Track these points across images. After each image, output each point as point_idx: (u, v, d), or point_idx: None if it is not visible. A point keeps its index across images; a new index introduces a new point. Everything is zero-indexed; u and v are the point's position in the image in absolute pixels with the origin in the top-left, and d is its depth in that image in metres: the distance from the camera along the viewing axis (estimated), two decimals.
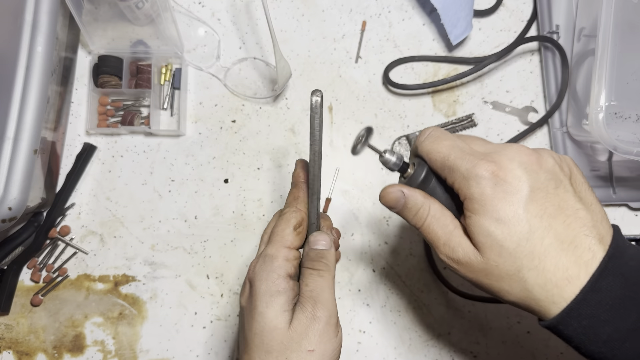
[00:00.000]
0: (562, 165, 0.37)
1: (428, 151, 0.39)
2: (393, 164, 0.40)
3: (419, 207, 0.39)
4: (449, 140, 0.38)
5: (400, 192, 0.39)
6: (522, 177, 0.35)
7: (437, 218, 0.38)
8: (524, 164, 0.35)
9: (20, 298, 0.62)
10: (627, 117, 0.59)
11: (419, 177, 0.39)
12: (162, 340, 0.62)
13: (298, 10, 0.69)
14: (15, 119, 0.53)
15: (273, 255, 0.40)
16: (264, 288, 0.39)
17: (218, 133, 0.66)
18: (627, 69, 0.58)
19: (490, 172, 0.35)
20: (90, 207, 0.64)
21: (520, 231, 0.34)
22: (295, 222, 0.42)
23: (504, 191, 0.35)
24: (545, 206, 0.35)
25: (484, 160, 0.35)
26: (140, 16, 0.62)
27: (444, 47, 0.69)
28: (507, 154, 0.36)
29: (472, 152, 0.37)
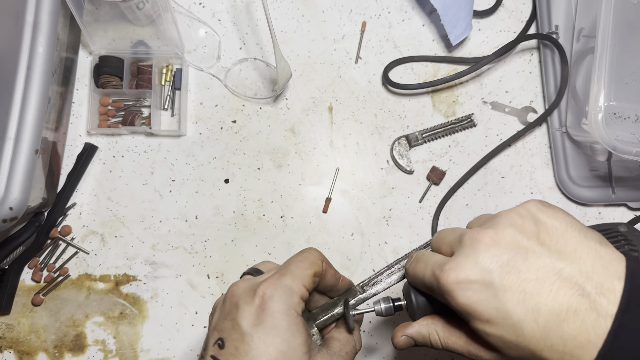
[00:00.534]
0: (525, 226, 0.34)
1: (410, 277, 0.40)
2: (386, 310, 0.42)
3: (427, 337, 0.39)
4: (422, 259, 0.38)
5: (405, 338, 0.40)
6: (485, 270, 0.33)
7: (448, 337, 0.38)
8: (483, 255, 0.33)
9: (21, 298, 0.63)
10: (626, 117, 0.59)
11: (413, 306, 0.40)
12: (162, 339, 0.63)
13: (298, 11, 0.69)
14: (16, 119, 0.53)
15: (294, 290, 0.38)
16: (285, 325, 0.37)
17: (218, 133, 0.66)
18: (626, 69, 0.58)
19: (453, 281, 0.34)
20: (91, 207, 0.65)
21: (511, 324, 0.32)
22: (318, 270, 0.40)
23: (475, 293, 0.33)
24: (522, 287, 0.32)
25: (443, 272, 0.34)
26: (141, 17, 0.62)
27: (443, 47, 0.69)
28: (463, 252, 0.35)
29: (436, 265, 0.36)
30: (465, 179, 0.66)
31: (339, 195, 0.66)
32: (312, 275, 0.40)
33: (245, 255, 0.64)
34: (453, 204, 0.66)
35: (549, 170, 0.67)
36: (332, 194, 0.66)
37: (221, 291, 0.63)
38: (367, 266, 0.64)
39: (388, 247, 0.65)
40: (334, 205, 0.65)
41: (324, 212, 0.65)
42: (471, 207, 0.66)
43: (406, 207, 0.66)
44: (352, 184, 0.66)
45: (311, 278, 0.39)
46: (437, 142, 0.67)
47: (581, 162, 0.65)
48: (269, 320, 0.36)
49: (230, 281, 0.64)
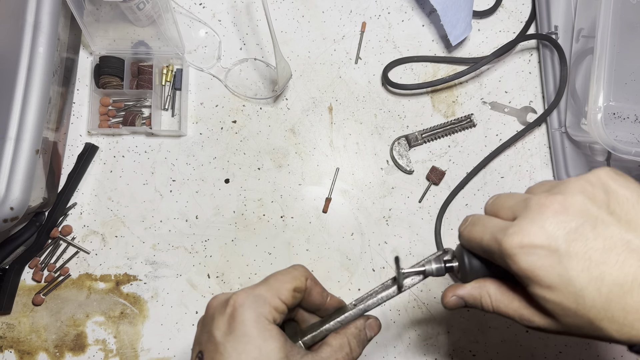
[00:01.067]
0: (595, 194, 0.33)
1: (466, 240, 0.39)
2: (437, 271, 0.41)
3: (479, 299, 0.39)
4: (480, 223, 0.37)
5: (455, 298, 0.40)
6: (551, 235, 0.32)
7: (501, 300, 0.38)
8: (550, 221, 0.33)
9: (22, 297, 0.63)
10: (626, 118, 0.59)
11: (465, 268, 0.39)
12: (163, 339, 0.63)
13: (298, 12, 0.69)
14: (17, 119, 0.53)
15: (267, 299, 0.38)
16: (255, 332, 0.36)
17: (219, 133, 0.67)
18: (625, 69, 0.58)
19: (516, 245, 0.33)
20: (91, 207, 0.65)
21: (573, 292, 0.32)
22: (298, 286, 0.39)
23: (539, 258, 0.33)
24: (588, 255, 0.32)
25: (506, 235, 0.34)
26: (141, 17, 0.63)
27: (443, 48, 0.69)
28: (528, 217, 0.34)
29: (498, 228, 0.35)
30: (466, 180, 0.66)
31: (339, 195, 0.66)
32: (291, 290, 0.39)
33: (245, 255, 0.64)
34: (453, 204, 0.66)
35: (548, 170, 0.67)
36: (332, 194, 0.66)
37: (221, 291, 0.64)
38: (367, 266, 0.64)
39: (388, 246, 0.65)
40: (334, 205, 0.66)
41: (324, 212, 0.65)
42: (471, 206, 0.66)
43: (406, 207, 0.66)
44: (352, 184, 0.66)
45: (290, 292, 0.39)
46: (437, 142, 0.67)
47: (580, 162, 0.65)
48: (240, 329, 0.36)
49: (230, 281, 0.64)
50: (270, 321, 0.37)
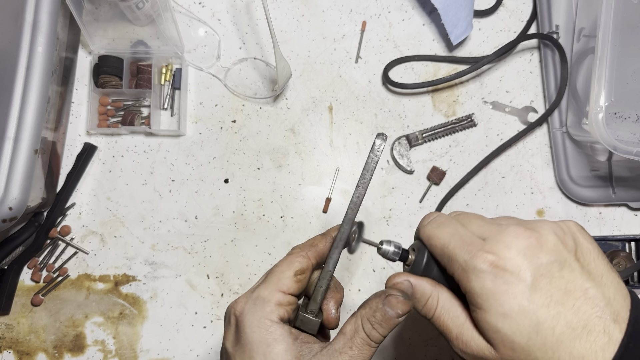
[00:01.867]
0: (566, 240, 0.35)
1: (429, 236, 0.37)
2: (392, 254, 0.38)
3: (427, 296, 0.37)
4: (450, 227, 0.36)
5: (408, 282, 0.37)
6: (522, 265, 0.33)
7: (447, 309, 0.36)
8: (523, 250, 0.33)
9: (20, 298, 0.62)
10: (627, 117, 0.59)
11: (422, 263, 0.38)
12: (162, 339, 0.62)
13: (298, 11, 0.69)
14: (15, 119, 0.53)
15: (265, 298, 0.37)
16: (257, 337, 0.35)
17: (218, 133, 0.66)
18: (626, 69, 0.58)
19: (488, 263, 0.33)
20: (90, 207, 0.65)
21: (529, 324, 0.32)
22: (299, 268, 0.39)
23: (506, 283, 0.33)
24: (550, 293, 0.32)
25: (482, 250, 0.33)
26: (140, 16, 0.62)
27: (443, 47, 0.69)
28: (504, 241, 0.34)
29: (471, 241, 0.35)
30: (467, 179, 0.66)
31: (339, 195, 0.66)
32: (291, 276, 0.38)
33: (245, 255, 0.64)
34: (453, 204, 0.66)
35: (549, 170, 0.67)
36: (332, 194, 0.65)
37: (221, 291, 0.63)
38: (367, 266, 0.64)
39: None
40: (334, 205, 0.65)
41: (324, 212, 0.65)
42: (471, 207, 0.66)
43: (406, 207, 0.66)
44: (352, 184, 0.66)
45: (291, 279, 0.38)
46: (438, 142, 0.67)
47: (582, 162, 0.65)
48: (243, 337, 0.36)
49: (229, 281, 0.64)
50: (275, 321, 0.36)
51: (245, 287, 0.64)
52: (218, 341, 0.62)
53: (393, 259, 0.39)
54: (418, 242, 0.39)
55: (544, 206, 0.66)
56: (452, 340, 0.36)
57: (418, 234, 0.39)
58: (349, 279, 0.64)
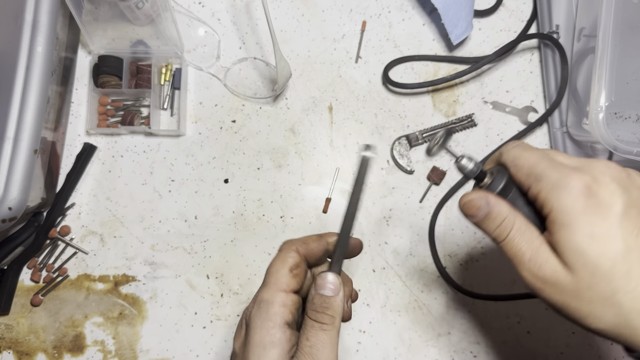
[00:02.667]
0: None
1: (515, 156, 0.36)
2: (470, 171, 0.37)
3: (503, 217, 0.36)
4: (538, 151, 0.36)
5: (484, 201, 0.36)
6: (616, 192, 0.33)
7: (523, 231, 0.35)
8: (617, 180, 0.33)
9: (20, 298, 0.62)
10: (627, 117, 0.59)
11: (498, 186, 0.36)
12: (162, 340, 0.62)
13: (298, 11, 0.69)
14: (15, 119, 0.53)
15: (268, 300, 0.37)
16: (257, 338, 0.36)
17: (218, 133, 0.66)
18: (627, 69, 0.58)
19: (583, 183, 0.33)
20: (90, 207, 0.64)
21: (616, 249, 0.31)
22: (293, 263, 0.39)
23: (598, 205, 0.32)
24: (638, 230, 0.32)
25: (577, 171, 0.33)
26: (140, 16, 0.62)
27: (444, 47, 0.69)
28: (598, 168, 0.34)
29: (562, 163, 0.34)
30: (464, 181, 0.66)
31: (339, 195, 0.66)
32: (287, 274, 0.38)
33: (244, 255, 0.64)
34: (454, 204, 0.66)
35: None
36: (332, 194, 0.65)
37: (220, 291, 0.63)
38: (367, 266, 0.64)
39: (388, 247, 0.65)
40: (334, 205, 0.65)
41: (324, 212, 0.65)
42: None
43: (406, 207, 0.66)
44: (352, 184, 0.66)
45: (287, 277, 0.38)
46: None
47: None
48: (247, 339, 0.37)
49: (229, 282, 0.64)
50: (278, 323, 0.36)
51: (245, 287, 0.63)
52: (218, 341, 0.62)
53: (469, 176, 0.37)
54: (498, 166, 0.38)
55: None
56: (524, 262, 0.34)
57: (499, 158, 0.38)
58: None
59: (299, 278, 0.39)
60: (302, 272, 0.40)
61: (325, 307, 0.37)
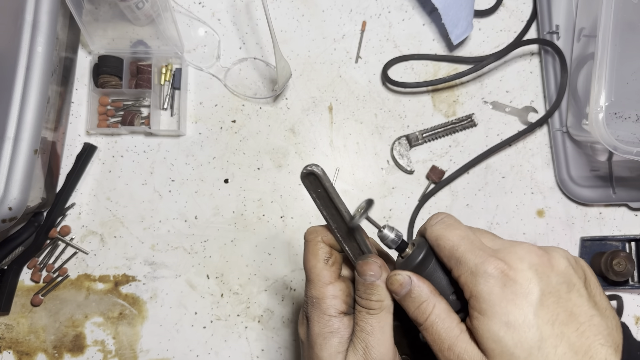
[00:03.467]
0: (576, 268, 0.35)
1: (438, 236, 0.36)
2: (391, 241, 0.38)
3: (423, 300, 0.36)
4: (461, 230, 0.36)
5: (408, 278, 0.36)
6: (532, 279, 0.33)
7: (443, 319, 0.35)
8: (535, 265, 0.33)
9: (20, 298, 0.62)
10: (627, 117, 0.59)
11: (417, 258, 0.37)
12: (162, 340, 0.62)
13: (298, 11, 0.69)
14: (15, 119, 0.53)
15: (318, 297, 0.39)
16: (317, 330, 0.38)
17: (218, 133, 0.66)
18: (627, 69, 0.58)
19: (499, 270, 0.33)
20: (90, 207, 0.64)
21: (532, 338, 0.32)
22: (324, 256, 0.40)
23: (514, 293, 0.32)
24: (557, 312, 0.32)
25: (494, 257, 0.33)
26: (140, 16, 0.62)
27: (443, 47, 0.69)
28: (517, 253, 0.34)
29: (482, 247, 0.35)
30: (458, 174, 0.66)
31: None
32: (324, 266, 0.39)
33: (245, 255, 0.64)
34: (453, 204, 0.66)
35: (549, 170, 0.67)
36: None
37: (221, 291, 0.63)
38: None
39: None
40: None
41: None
42: (471, 207, 0.66)
43: (406, 207, 0.66)
44: (352, 184, 0.66)
45: (325, 269, 0.39)
46: (438, 142, 0.67)
47: (582, 162, 0.65)
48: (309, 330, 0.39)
49: (229, 282, 0.64)
50: (333, 315, 0.38)
51: (245, 287, 0.63)
52: (218, 341, 0.62)
53: (390, 246, 0.38)
54: (420, 239, 0.39)
55: (544, 206, 0.66)
56: (442, 350, 0.35)
57: (423, 232, 0.38)
58: None
59: (336, 265, 0.40)
60: (337, 260, 0.41)
61: (369, 294, 0.37)
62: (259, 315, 0.63)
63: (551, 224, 0.66)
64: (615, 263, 0.61)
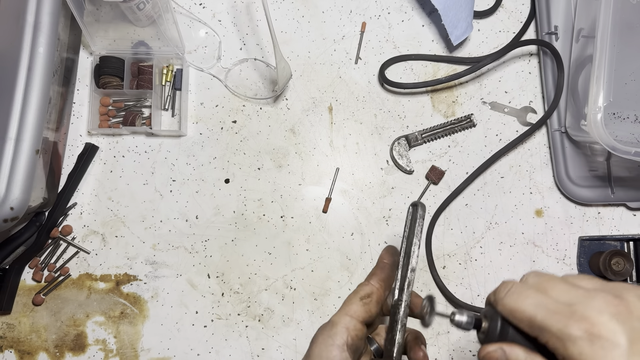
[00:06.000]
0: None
1: (512, 310, 0.37)
2: (466, 324, 0.38)
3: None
4: (532, 298, 0.36)
5: (501, 351, 0.36)
6: (617, 330, 0.33)
7: None
8: (615, 315, 0.33)
9: (22, 297, 0.63)
10: (626, 118, 0.59)
11: (496, 330, 0.37)
12: (163, 339, 0.63)
13: (298, 12, 0.69)
14: (17, 119, 0.53)
15: (334, 321, 0.41)
16: (317, 351, 0.40)
17: (219, 133, 0.67)
18: (625, 69, 0.58)
19: (583, 330, 0.33)
20: (91, 206, 0.65)
21: None
22: (363, 293, 0.43)
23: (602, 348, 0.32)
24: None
25: (574, 319, 0.33)
26: (141, 17, 0.63)
27: (443, 48, 0.69)
28: (595, 307, 0.34)
29: (558, 310, 0.34)
30: (469, 181, 0.66)
31: (338, 195, 0.66)
32: (357, 301, 0.42)
33: (245, 255, 0.64)
34: (453, 204, 0.66)
35: (548, 170, 0.67)
36: (332, 194, 0.66)
37: (221, 291, 0.64)
38: (367, 266, 0.64)
39: None
40: (334, 205, 0.66)
41: (324, 212, 0.65)
42: (470, 206, 0.66)
43: (406, 207, 0.66)
44: (352, 184, 0.66)
45: (357, 303, 0.42)
46: (437, 142, 0.67)
47: (580, 162, 0.65)
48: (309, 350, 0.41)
49: (230, 281, 0.64)
50: (338, 344, 0.40)
51: (245, 286, 0.64)
52: (219, 340, 0.63)
53: (467, 329, 0.39)
54: (489, 309, 0.39)
55: (542, 206, 0.67)
56: None
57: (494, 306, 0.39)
58: (348, 278, 0.64)
59: (369, 307, 0.43)
60: (372, 303, 0.43)
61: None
62: (260, 314, 0.63)
63: (550, 224, 0.66)
64: (614, 263, 0.61)
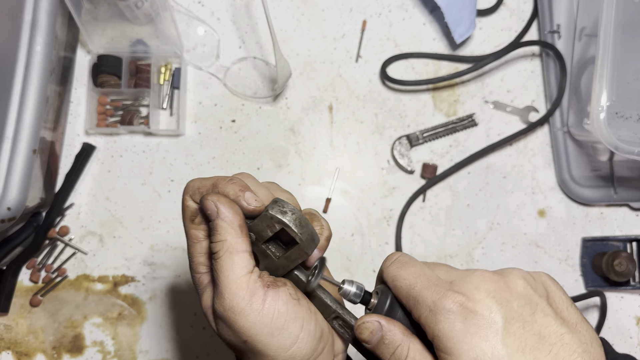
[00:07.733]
0: (536, 286, 0.33)
1: (393, 277, 0.35)
2: (354, 295, 0.36)
3: (397, 344, 0.34)
4: (416, 267, 0.35)
5: (378, 324, 0.34)
6: (493, 308, 0.31)
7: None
8: (493, 292, 0.32)
9: (19, 298, 0.62)
10: (629, 117, 0.59)
11: (384, 306, 0.35)
12: (161, 340, 0.62)
13: (298, 10, 0.69)
14: (14, 118, 0.52)
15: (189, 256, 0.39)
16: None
17: (218, 133, 0.66)
18: (628, 68, 0.57)
19: (458, 303, 0.31)
20: (89, 207, 0.64)
21: None
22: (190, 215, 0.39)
23: (477, 325, 0.31)
24: (524, 337, 0.31)
25: (451, 290, 0.32)
26: (139, 15, 0.62)
27: (444, 46, 0.69)
28: (472, 282, 0.32)
29: (438, 282, 0.33)
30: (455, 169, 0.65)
31: (339, 195, 0.65)
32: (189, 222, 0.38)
33: None
34: (455, 205, 0.66)
35: (550, 170, 0.67)
36: (332, 194, 0.65)
37: None
38: (367, 267, 0.64)
39: (389, 247, 0.64)
40: (334, 205, 0.65)
41: (324, 212, 0.65)
42: (473, 207, 0.66)
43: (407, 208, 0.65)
44: (352, 184, 0.66)
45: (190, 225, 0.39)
46: (438, 142, 0.67)
47: (583, 162, 0.65)
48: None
49: None
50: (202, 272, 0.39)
51: None
52: (217, 342, 0.62)
53: (354, 301, 0.37)
54: (382, 286, 0.37)
55: (545, 206, 0.66)
56: None
57: (381, 275, 0.37)
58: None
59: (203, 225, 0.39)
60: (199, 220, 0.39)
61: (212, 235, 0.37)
62: None
63: (552, 224, 0.66)
64: (617, 263, 0.61)
